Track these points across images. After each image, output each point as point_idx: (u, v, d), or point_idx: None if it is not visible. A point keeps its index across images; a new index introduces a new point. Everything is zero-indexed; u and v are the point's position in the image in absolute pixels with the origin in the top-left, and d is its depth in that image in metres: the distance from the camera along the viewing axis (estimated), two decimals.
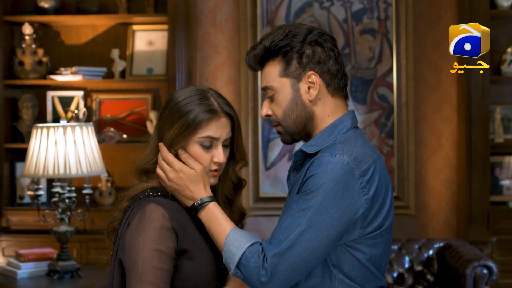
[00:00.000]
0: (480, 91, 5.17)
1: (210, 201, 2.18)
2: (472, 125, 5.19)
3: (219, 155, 2.21)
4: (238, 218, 2.36)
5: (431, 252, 5.03)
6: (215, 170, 2.23)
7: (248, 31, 5.41)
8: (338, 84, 2.24)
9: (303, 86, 2.21)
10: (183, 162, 2.20)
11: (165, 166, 2.19)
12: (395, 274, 5.00)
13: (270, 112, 2.26)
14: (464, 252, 4.73)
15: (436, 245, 5.04)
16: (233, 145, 2.28)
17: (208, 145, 2.20)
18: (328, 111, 2.23)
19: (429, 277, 5.00)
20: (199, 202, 2.17)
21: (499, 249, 5.18)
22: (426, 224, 5.40)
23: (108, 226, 2.27)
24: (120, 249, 2.14)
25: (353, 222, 2.12)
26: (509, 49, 5.30)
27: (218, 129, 2.20)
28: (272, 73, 2.23)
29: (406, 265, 5.01)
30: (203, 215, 2.17)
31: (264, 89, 2.25)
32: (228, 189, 2.32)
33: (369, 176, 2.14)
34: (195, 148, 2.19)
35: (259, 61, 2.25)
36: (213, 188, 2.29)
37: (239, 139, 2.30)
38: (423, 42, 5.39)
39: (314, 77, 2.20)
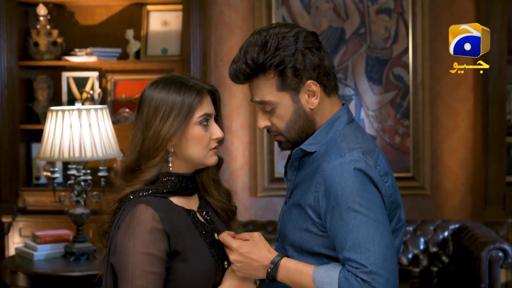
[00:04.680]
0: (497, 71, 5.12)
1: (281, 258, 2.11)
2: (489, 105, 5.15)
3: (217, 130, 2.21)
4: (227, 198, 2.35)
5: (446, 233, 5.03)
6: (215, 148, 2.22)
7: (263, 11, 5.38)
8: (333, 82, 2.21)
9: (303, 96, 2.16)
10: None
11: (227, 250, 2.15)
12: (410, 256, 5.00)
13: (269, 124, 2.21)
14: (480, 234, 4.72)
15: (452, 227, 5.04)
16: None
17: (206, 123, 2.19)
18: (327, 112, 2.20)
19: (444, 258, 5.00)
20: (272, 266, 2.10)
21: None
22: (442, 205, 5.39)
23: (98, 229, 2.24)
24: (112, 253, 2.11)
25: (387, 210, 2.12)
26: None
27: (209, 106, 2.21)
28: (268, 88, 2.16)
29: (421, 247, 5.02)
30: (281, 276, 2.10)
31: (261, 103, 2.19)
32: (212, 170, 2.29)
33: (381, 167, 2.14)
34: (196, 130, 2.17)
35: (247, 77, 2.18)
36: (201, 171, 2.27)
37: (221, 114, 2.29)
38: (439, 21, 5.34)
39: (314, 86, 2.15)
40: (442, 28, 5.33)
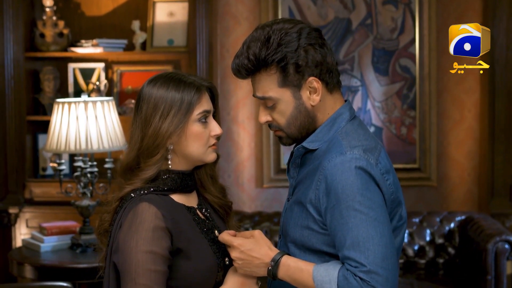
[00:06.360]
0: (504, 62, 5.11)
1: (281, 256, 2.10)
2: (496, 96, 5.14)
3: (216, 127, 2.21)
4: (221, 192, 2.34)
5: (452, 225, 5.03)
6: (214, 144, 2.22)
7: (269, 2, 5.37)
8: (336, 79, 2.20)
9: (304, 93, 2.15)
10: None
11: (228, 249, 2.15)
12: (416, 247, 5.00)
13: (270, 119, 2.21)
14: (486, 226, 4.72)
15: (458, 218, 5.04)
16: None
17: (205, 120, 2.18)
18: (328, 109, 2.20)
19: (450, 250, 5.00)
20: (272, 264, 2.10)
21: None
22: (448, 196, 5.38)
23: (98, 228, 2.22)
24: (114, 252, 2.09)
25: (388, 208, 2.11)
26: None
27: (208, 102, 2.20)
28: (269, 84, 2.15)
29: (427, 238, 5.02)
30: (281, 274, 2.10)
31: (262, 98, 2.18)
32: (210, 167, 2.29)
33: (382, 164, 2.13)
34: (195, 127, 2.16)
35: (249, 72, 2.17)
36: (199, 167, 2.27)
37: (218, 111, 2.28)
38: (446, 13, 5.32)
39: (315, 83, 2.14)
40: (449, 19, 5.30)
